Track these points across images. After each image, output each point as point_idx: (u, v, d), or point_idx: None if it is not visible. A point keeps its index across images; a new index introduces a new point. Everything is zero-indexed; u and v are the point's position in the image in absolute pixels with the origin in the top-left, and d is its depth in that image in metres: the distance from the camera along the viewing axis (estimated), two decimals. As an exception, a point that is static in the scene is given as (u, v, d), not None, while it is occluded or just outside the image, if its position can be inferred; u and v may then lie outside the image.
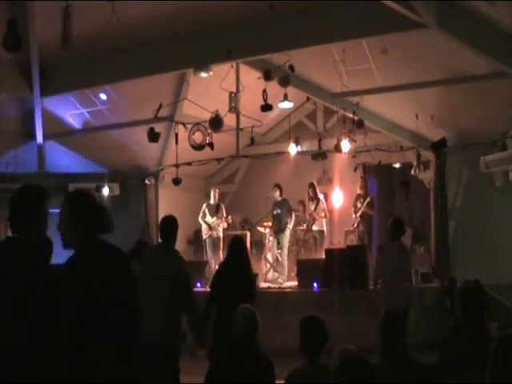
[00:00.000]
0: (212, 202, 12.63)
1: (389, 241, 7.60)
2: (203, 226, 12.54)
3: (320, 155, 12.19)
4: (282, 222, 11.94)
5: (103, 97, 11.42)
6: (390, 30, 8.10)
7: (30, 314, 2.90)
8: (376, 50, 9.45)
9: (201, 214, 12.53)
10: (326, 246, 12.09)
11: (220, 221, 12.46)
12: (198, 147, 10.63)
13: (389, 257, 7.39)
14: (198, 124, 10.67)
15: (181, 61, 9.73)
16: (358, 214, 11.82)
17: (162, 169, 13.10)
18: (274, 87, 9.42)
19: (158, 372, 5.55)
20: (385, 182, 13.78)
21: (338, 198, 13.51)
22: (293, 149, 11.87)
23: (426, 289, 10.40)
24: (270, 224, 12.30)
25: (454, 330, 4.23)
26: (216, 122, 10.04)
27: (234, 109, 10.33)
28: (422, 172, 12.00)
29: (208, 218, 12.46)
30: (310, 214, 12.32)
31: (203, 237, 12.57)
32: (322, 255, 11.04)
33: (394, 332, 3.95)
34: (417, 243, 11.95)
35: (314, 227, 12.33)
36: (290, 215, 12.03)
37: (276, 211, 12.02)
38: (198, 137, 10.67)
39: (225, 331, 4.69)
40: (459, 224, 11.78)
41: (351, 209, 12.17)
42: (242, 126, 11.46)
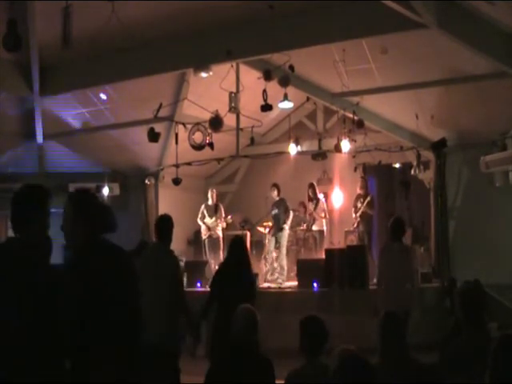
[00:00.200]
0: (210, 202, 12.60)
1: (390, 241, 7.56)
2: (202, 227, 12.52)
3: (320, 155, 12.19)
4: (280, 222, 11.92)
5: (103, 97, 11.41)
6: (390, 30, 8.09)
7: (30, 314, 2.90)
8: (376, 49, 9.45)
9: (199, 215, 12.50)
10: (326, 246, 12.08)
11: (219, 221, 12.46)
12: (198, 147, 10.62)
13: (392, 257, 7.35)
14: (197, 124, 10.67)
15: (181, 61, 9.72)
16: (357, 213, 11.82)
17: (162, 169, 13.10)
18: (274, 87, 9.41)
19: (157, 372, 5.57)
20: (385, 181, 13.78)
21: (338, 197, 13.51)
22: (293, 149, 11.88)
23: (426, 289, 10.39)
24: (271, 224, 12.30)
25: (454, 330, 4.23)
26: (216, 122, 10.04)
27: (234, 109, 10.33)
28: (421, 172, 12.00)
29: (207, 219, 12.44)
30: (310, 214, 12.31)
31: (203, 237, 12.56)
32: (322, 255, 11.04)
33: (394, 332, 3.95)
34: (417, 243, 11.93)
35: (314, 227, 12.32)
36: (288, 214, 12.02)
37: (274, 211, 12.01)
38: (197, 137, 10.67)
39: (225, 331, 4.69)
40: (459, 224, 11.79)
41: (351, 209, 12.16)
42: (242, 126, 11.45)
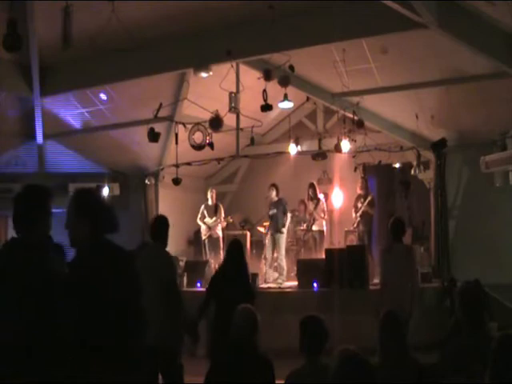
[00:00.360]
0: (210, 202, 12.60)
1: (392, 242, 7.52)
2: (202, 227, 12.52)
3: (320, 155, 12.18)
4: (279, 223, 11.89)
5: (103, 97, 11.42)
6: (390, 30, 8.08)
7: (31, 315, 2.90)
8: (376, 49, 9.44)
9: (199, 216, 12.50)
10: (326, 246, 12.07)
11: (219, 221, 12.46)
12: (198, 147, 10.61)
13: (396, 259, 7.31)
14: (197, 124, 10.65)
15: (181, 61, 9.71)
16: (358, 213, 11.82)
17: (162, 169, 13.10)
18: (274, 87, 9.40)
19: (158, 372, 5.57)
20: (385, 181, 13.78)
21: (337, 198, 13.49)
22: (293, 149, 11.87)
23: (426, 289, 10.37)
24: (267, 224, 12.26)
25: (454, 330, 4.24)
26: (216, 122, 10.03)
27: (234, 109, 10.31)
28: (422, 172, 12.00)
29: (207, 219, 12.44)
30: (311, 214, 12.31)
31: (203, 237, 12.56)
32: (322, 255, 11.03)
33: (393, 332, 3.95)
34: (417, 243, 11.94)
35: (314, 227, 12.32)
36: (285, 216, 12.00)
37: (272, 211, 11.97)
38: (198, 137, 10.65)
39: (225, 331, 4.69)
40: (459, 224, 11.79)
41: (351, 209, 12.17)
42: (242, 125, 11.44)
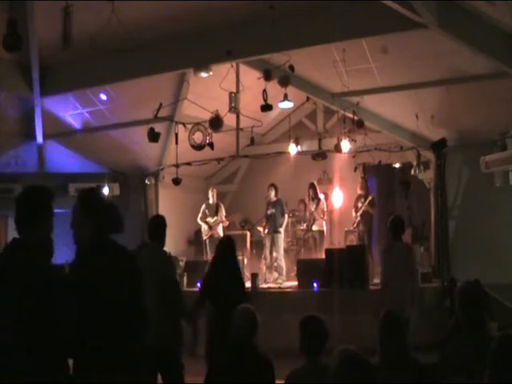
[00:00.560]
0: (211, 201, 12.61)
1: (392, 241, 7.52)
2: (203, 227, 12.51)
3: (320, 155, 12.19)
4: (276, 223, 11.90)
5: (103, 97, 11.41)
6: (390, 30, 8.08)
7: (31, 315, 2.90)
8: (376, 49, 9.44)
9: (200, 215, 12.50)
10: (326, 245, 12.07)
11: (220, 220, 12.45)
12: (198, 147, 10.61)
13: (397, 257, 7.31)
14: (197, 124, 10.65)
15: (181, 61, 9.72)
16: (358, 213, 11.82)
17: (162, 169, 13.10)
18: (274, 87, 9.40)
19: (158, 372, 5.57)
20: (385, 181, 13.78)
21: (337, 198, 13.49)
22: (293, 149, 11.87)
23: (426, 289, 10.37)
24: (265, 223, 12.24)
25: (454, 330, 4.24)
26: (216, 122, 10.03)
27: (234, 109, 10.32)
28: (421, 172, 12.00)
29: (208, 219, 12.44)
30: (311, 214, 12.31)
31: (203, 237, 12.55)
32: (322, 255, 11.03)
33: (393, 332, 3.95)
34: (417, 243, 11.94)
35: (314, 227, 12.31)
36: (283, 216, 12.01)
37: (270, 211, 11.98)
38: (198, 137, 10.65)
39: (224, 331, 4.69)
40: (459, 224, 11.79)
41: (351, 209, 12.16)
42: (242, 125, 11.44)
